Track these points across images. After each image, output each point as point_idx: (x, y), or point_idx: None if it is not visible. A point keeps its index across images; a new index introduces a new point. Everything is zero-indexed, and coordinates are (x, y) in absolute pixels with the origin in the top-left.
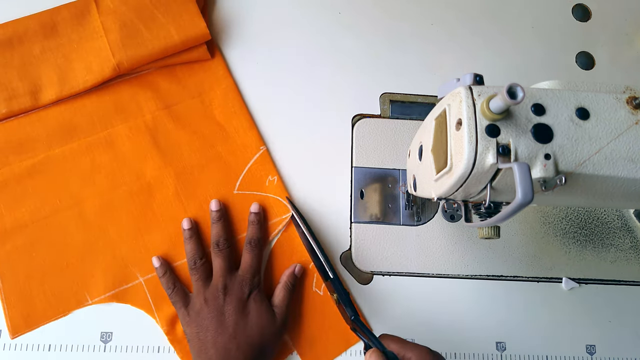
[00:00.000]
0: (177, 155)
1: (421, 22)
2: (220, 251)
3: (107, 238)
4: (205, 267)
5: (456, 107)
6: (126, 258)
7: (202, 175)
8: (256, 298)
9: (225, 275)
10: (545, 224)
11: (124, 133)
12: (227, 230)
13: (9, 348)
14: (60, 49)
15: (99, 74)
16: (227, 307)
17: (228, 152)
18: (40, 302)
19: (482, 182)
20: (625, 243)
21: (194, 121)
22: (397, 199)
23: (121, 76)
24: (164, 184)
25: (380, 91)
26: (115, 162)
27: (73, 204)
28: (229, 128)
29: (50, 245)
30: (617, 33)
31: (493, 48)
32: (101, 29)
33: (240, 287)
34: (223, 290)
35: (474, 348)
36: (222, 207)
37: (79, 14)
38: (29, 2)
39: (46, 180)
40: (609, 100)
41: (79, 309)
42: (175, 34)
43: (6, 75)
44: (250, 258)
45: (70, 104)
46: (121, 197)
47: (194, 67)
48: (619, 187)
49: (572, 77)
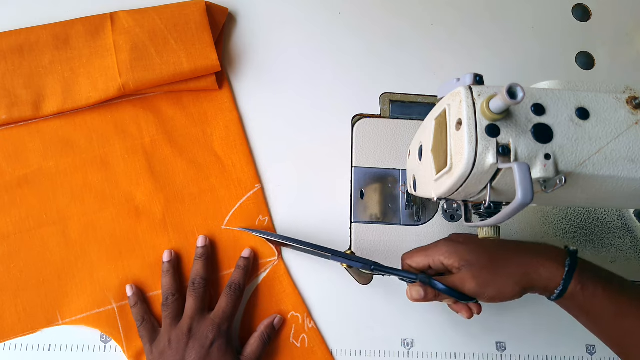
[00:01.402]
0: (171, 182)
1: (421, 22)
2: (194, 290)
3: (86, 258)
4: (177, 305)
5: (456, 107)
6: (103, 282)
7: (193, 205)
8: (220, 347)
9: (194, 316)
10: (545, 224)
11: (120, 154)
12: (207, 269)
13: (9, 348)
14: (69, 62)
15: (104, 92)
16: (189, 353)
17: (222, 185)
18: (10, 316)
19: (482, 182)
20: (625, 243)
21: (193, 150)
22: (397, 199)
23: (126, 96)
24: (152, 210)
25: (380, 91)
26: (107, 182)
27: (58, 220)
28: (227, 161)
29: (29, 258)
30: (617, 33)
31: (493, 48)
32: (112, 48)
33: (205, 333)
34: (188, 334)
35: (474, 348)
36: (208, 245)
37: (93, 30)
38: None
39: (35, 193)
40: (609, 100)
41: (47, 327)
42: (185, 62)
43: (12, 82)
44: (225, 303)
45: (71, 119)
46: (107, 219)
47: (200, 96)
48: (619, 187)
49: (572, 77)
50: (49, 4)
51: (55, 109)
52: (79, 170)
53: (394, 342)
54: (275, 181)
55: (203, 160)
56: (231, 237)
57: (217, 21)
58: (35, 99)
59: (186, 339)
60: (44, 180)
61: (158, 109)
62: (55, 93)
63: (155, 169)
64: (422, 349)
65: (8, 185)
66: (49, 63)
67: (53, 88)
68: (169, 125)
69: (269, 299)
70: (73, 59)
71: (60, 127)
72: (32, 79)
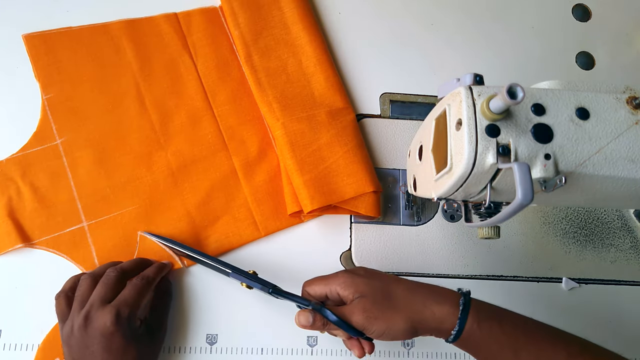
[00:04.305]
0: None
1: (421, 22)
2: (107, 278)
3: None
4: (89, 289)
5: (456, 107)
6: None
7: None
8: (124, 335)
9: (94, 303)
10: (545, 224)
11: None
12: (134, 268)
13: (9, 348)
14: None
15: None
16: (92, 341)
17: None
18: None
19: (482, 182)
20: (625, 243)
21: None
22: (397, 199)
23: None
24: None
25: (380, 91)
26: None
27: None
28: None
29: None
30: (617, 33)
31: (493, 48)
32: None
33: (103, 321)
34: (86, 320)
35: None
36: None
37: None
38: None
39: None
40: (609, 100)
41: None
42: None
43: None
44: (129, 290)
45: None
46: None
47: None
48: (619, 187)
49: (572, 77)
50: (49, 4)
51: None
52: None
53: (394, 342)
54: None
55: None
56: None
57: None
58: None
59: (84, 324)
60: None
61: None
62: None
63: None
64: (422, 349)
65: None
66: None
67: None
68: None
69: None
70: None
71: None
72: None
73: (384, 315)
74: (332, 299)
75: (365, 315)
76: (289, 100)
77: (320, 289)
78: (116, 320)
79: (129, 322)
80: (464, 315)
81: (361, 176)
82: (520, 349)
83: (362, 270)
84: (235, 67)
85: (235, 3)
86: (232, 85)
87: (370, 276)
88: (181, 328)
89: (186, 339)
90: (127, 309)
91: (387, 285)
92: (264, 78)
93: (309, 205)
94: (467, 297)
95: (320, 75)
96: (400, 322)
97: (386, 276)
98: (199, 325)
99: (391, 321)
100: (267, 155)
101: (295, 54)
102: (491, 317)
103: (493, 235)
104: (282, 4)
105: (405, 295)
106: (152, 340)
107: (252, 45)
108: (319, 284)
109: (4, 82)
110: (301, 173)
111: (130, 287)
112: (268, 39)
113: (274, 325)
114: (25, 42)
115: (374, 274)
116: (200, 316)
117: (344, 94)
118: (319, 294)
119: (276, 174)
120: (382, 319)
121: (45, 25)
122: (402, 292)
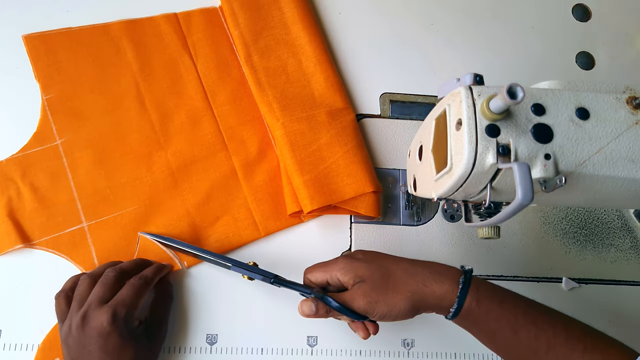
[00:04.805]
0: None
1: (421, 22)
2: (106, 277)
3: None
4: (88, 289)
5: (456, 107)
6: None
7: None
8: (121, 335)
9: (92, 303)
10: (545, 224)
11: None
12: (134, 268)
13: (9, 348)
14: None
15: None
16: (89, 341)
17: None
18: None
19: (482, 182)
20: (625, 243)
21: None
22: (397, 199)
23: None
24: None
25: (380, 91)
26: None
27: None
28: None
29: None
30: (617, 33)
31: (493, 48)
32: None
33: (100, 321)
34: (84, 320)
35: (475, 348)
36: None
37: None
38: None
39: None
40: (609, 100)
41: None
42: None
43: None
44: (126, 290)
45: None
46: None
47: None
48: (619, 187)
49: (572, 77)
50: (49, 4)
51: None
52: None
53: (394, 342)
54: None
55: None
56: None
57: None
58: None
59: (82, 324)
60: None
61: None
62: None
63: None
64: (422, 349)
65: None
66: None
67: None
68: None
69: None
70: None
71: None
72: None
73: (384, 299)
74: (333, 284)
75: (366, 300)
76: (289, 100)
77: (321, 275)
78: (113, 320)
79: (126, 322)
80: (463, 293)
81: (361, 176)
82: (520, 328)
83: (360, 253)
84: (235, 67)
85: (235, 3)
86: (232, 86)
87: (369, 260)
88: (181, 328)
89: (186, 339)
90: (124, 309)
91: (387, 267)
92: (263, 78)
93: (309, 206)
94: (468, 275)
95: (320, 75)
96: (401, 304)
97: (385, 257)
98: (199, 325)
99: (392, 303)
100: (267, 156)
101: (295, 54)
102: (492, 296)
103: (493, 235)
104: (282, 4)
105: (405, 276)
106: (150, 341)
107: (252, 46)
108: (319, 270)
109: (4, 82)
110: (301, 173)
111: (128, 287)
112: (268, 39)
113: (274, 325)
114: (25, 42)
115: (373, 256)
116: (200, 316)
117: (344, 94)
118: (320, 281)
119: (276, 174)
120: (383, 302)
121: (45, 25)
122: (401, 273)
